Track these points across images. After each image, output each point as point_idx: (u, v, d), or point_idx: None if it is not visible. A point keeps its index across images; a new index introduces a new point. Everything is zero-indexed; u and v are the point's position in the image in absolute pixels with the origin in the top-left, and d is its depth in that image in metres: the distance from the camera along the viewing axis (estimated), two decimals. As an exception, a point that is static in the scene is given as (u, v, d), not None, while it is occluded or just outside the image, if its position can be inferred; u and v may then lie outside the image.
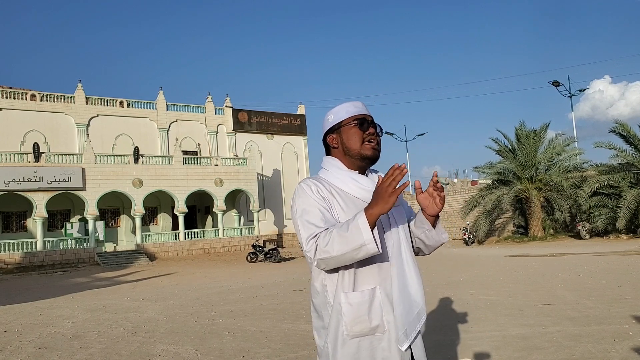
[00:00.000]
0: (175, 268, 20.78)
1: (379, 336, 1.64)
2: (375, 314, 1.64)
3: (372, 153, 1.76)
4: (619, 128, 21.95)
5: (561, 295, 7.62)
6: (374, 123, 1.81)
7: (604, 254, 14.70)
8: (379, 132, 1.81)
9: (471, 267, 13.50)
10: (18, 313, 9.07)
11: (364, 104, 1.84)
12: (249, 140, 34.01)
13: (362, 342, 1.63)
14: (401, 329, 1.62)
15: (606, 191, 21.76)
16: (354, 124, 1.76)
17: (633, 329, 5.11)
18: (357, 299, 1.63)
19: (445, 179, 55.30)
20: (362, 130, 1.75)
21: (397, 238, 1.72)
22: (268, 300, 9.14)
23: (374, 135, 1.77)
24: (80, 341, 6.21)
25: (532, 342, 4.88)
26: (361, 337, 1.63)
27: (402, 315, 1.63)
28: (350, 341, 1.63)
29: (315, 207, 1.65)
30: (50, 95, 28.12)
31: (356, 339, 1.63)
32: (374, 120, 1.83)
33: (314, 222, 1.62)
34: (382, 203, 1.51)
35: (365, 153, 1.75)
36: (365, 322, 1.63)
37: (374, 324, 1.63)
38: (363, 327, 1.63)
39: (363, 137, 1.75)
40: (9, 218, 26.26)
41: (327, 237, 1.56)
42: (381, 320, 1.64)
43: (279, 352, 5.10)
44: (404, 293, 1.65)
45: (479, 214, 25.70)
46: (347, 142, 1.75)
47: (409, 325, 1.64)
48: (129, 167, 26.47)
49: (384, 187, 1.51)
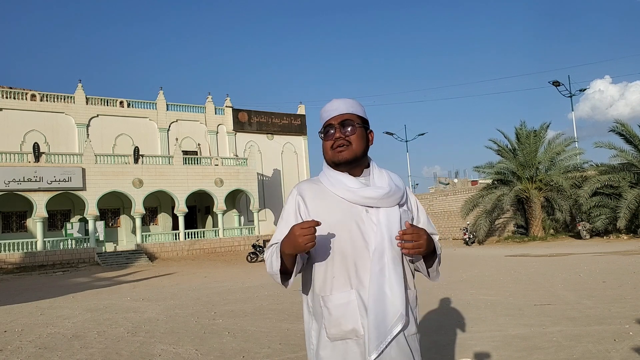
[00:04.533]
0: (175, 268, 20.78)
1: (355, 340, 1.63)
2: (350, 318, 1.63)
3: (339, 158, 1.73)
4: (619, 128, 21.95)
5: (561, 295, 7.62)
6: (342, 122, 1.74)
7: (605, 254, 14.69)
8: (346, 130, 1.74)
9: (471, 267, 13.50)
10: (18, 313, 9.07)
11: (338, 100, 1.80)
12: (249, 140, 34.01)
13: (339, 346, 1.65)
14: (374, 338, 1.59)
15: (606, 191, 21.75)
16: (322, 136, 1.80)
17: (633, 329, 5.11)
18: (334, 302, 1.66)
19: (446, 179, 55.29)
20: (328, 139, 1.77)
21: (380, 241, 1.66)
22: (268, 300, 9.14)
23: (339, 138, 1.73)
24: (80, 341, 6.21)
25: (533, 342, 4.88)
26: (338, 340, 1.65)
27: (374, 323, 1.60)
28: (331, 344, 1.65)
29: (284, 215, 1.76)
30: (50, 95, 28.12)
31: (336, 341, 1.65)
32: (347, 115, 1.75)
33: (280, 229, 1.74)
34: (292, 247, 1.57)
35: (336, 160, 1.75)
36: (340, 326, 1.64)
37: (349, 328, 1.63)
38: (338, 330, 1.64)
39: (331, 145, 1.75)
40: (9, 218, 26.26)
41: (270, 252, 1.71)
42: (357, 325, 1.63)
43: (279, 352, 5.10)
44: (380, 299, 1.62)
45: (479, 214, 25.70)
46: (323, 154, 1.80)
47: (380, 334, 1.60)
48: (129, 167, 26.47)
49: (296, 233, 1.54)
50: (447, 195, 33.20)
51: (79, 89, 28.87)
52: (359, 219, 1.69)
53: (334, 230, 1.68)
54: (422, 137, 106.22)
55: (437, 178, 57.20)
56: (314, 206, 1.72)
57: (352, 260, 1.67)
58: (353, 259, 1.67)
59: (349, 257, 1.67)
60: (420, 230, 1.63)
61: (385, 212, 1.70)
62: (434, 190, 42.05)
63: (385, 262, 1.65)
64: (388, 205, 1.71)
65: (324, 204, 1.72)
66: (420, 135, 45.33)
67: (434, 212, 32.00)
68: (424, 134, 69.22)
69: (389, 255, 1.66)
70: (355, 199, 1.69)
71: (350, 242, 1.67)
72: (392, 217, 1.70)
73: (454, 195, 32.14)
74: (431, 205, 32.76)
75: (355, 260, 1.66)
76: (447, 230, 31.16)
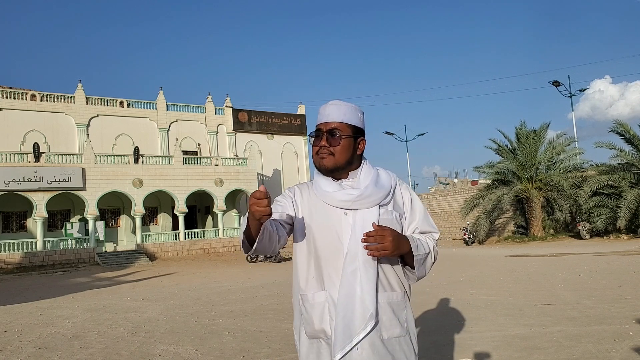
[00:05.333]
0: (175, 268, 20.78)
1: (325, 340, 1.68)
2: (319, 317, 1.68)
3: (320, 165, 1.76)
4: (619, 128, 21.95)
5: (561, 295, 7.62)
6: (329, 131, 1.73)
7: (604, 254, 14.69)
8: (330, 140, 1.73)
9: (471, 267, 13.50)
10: (18, 313, 9.07)
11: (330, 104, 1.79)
12: (249, 140, 34.02)
13: (313, 344, 1.71)
14: (339, 339, 1.61)
15: (606, 191, 21.75)
16: (310, 139, 1.82)
17: (633, 329, 5.11)
18: (309, 301, 1.72)
19: (446, 179, 55.28)
20: (314, 144, 1.79)
21: (354, 243, 1.66)
22: (268, 300, 9.14)
23: (323, 147, 1.74)
24: (80, 341, 6.21)
25: (533, 342, 4.88)
26: (313, 338, 1.71)
27: (341, 324, 1.62)
28: (308, 341, 1.72)
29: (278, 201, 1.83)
30: (50, 95, 28.13)
31: (312, 339, 1.71)
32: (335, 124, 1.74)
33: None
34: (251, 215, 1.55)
35: (316, 166, 1.79)
36: (312, 325, 1.70)
37: (318, 328, 1.68)
38: (311, 329, 1.70)
39: (316, 151, 1.77)
40: (9, 218, 26.27)
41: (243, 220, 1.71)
42: (325, 325, 1.67)
43: (279, 352, 5.10)
44: (350, 300, 1.63)
45: (479, 214, 25.71)
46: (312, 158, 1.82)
47: (346, 335, 1.61)
48: (129, 167, 26.47)
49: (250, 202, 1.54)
50: (447, 195, 33.22)
51: (79, 89, 28.88)
52: (336, 222, 1.72)
53: (314, 232, 1.74)
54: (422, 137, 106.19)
55: (437, 178, 57.19)
56: (302, 207, 1.80)
57: (327, 261, 1.70)
58: (328, 260, 1.70)
59: (324, 258, 1.71)
60: (386, 231, 1.60)
61: (362, 214, 1.70)
62: (434, 190, 42.05)
63: (358, 264, 1.65)
64: (365, 207, 1.71)
65: (309, 206, 1.78)
66: (420, 135, 45.38)
67: (434, 212, 31.99)
68: (424, 134, 69.25)
69: (362, 257, 1.65)
70: (332, 202, 1.73)
71: (326, 244, 1.71)
72: (369, 218, 1.69)
73: (454, 195, 32.15)
74: (431, 205, 32.77)
75: (330, 261, 1.70)
76: (447, 230, 31.18)
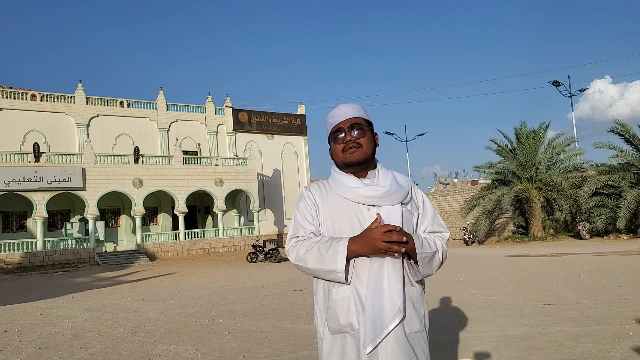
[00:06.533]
0: (175, 268, 20.78)
1: (351, 334, 1.69)
2: (346, 312, 1.70)
3: (351, 159, 1.81)
4: (619, 128, 21.95)
5: (561, 295, 7.62)
6: (351, 126, 1.82)
7: (604, 254, 14.69)
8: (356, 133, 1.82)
9: (471, 267, 13.50)
10: (18, 313, 9.07)
11: (346, 105, 1.88)
12: (249, 140, 34.00)
13: (337, 339, 1.72)
14: (368, 332, 1.64)
15: (606, 191, 21.75)
16: (333, 139, 1.87)
17: (633, 329, 5.11)
18: (334, 296, 1.73)
19: (446, 179, 55.25)
20: (338, 143, 1.83)
21: None
22: (268, 300, 9.14)
23: (350, 141, 1.81)
24: (80, 341, 6.21)
25: (533, 342, 4.88)
26: (337, 333, 1.72)
27: (370, 317, 1.64)
28: (331, 336, 1.73)
29: (303, 210, 1.83)
30: (50, 95, 28.11)
31: (335, 335, 1.72)
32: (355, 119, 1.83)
33: (301, 222, 1.82)
34: (367, 247, 1.64)
35: (348, 161, 1.82)
36: (337, 320, 1.71)
37: (344, 322, 1.70)
38: (336, 323, 1.71)
39: (342, 148, 1.82)
40: (9, 218, 26.26)
41: (308, 247, 1.72)
42: (352, 319, 1.69)
43: (279, 352, 5.10)
44: (377, 294, 1.66)
45: (479, 214, 25.70)
46: (334, 156, 1.88)
47: (376, 328, 1.64)
48: (129, 167, 26.47)
49: (375, 235, 1.61)
50: (447, 195, 33.21)
51: (79, 89, 28.86)
52: (360, 217, 1.75)
53: (338, 228, 1.76)
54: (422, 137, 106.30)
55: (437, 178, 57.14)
56: (322, 206, 1.82)
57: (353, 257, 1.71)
58: None
59: None
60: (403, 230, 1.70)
61: (387, 210, 1.75)
62: (434, 190, 42.04)
63: (385, 259, 1.69)
64: (389, 204, 1.77)
65: (330, 203, 1.80)
66: (420, 135, 45.36)
67: (434, 212, 31.95)
68: (424, 134, 69.23)
69: None
70: (356, 198, 1.76)
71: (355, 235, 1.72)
72: (393, 215, 1.75)
73: (454, 195, 32.15)
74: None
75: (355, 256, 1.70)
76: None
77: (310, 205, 1.83)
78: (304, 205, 1.84)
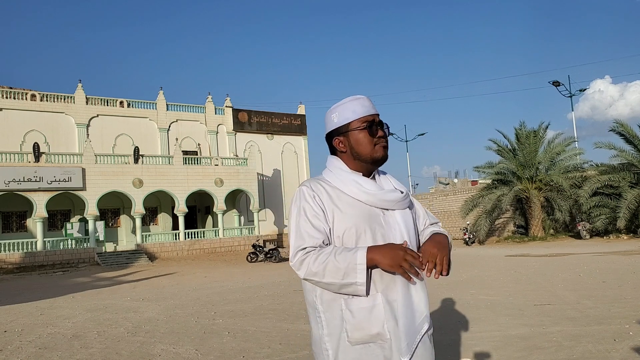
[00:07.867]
0: (175, 268, 20.78)
1: (381, 344, 1.59)
2: (376, 321, 1.58)
3: (383, 154, 1.70)
4: (619, 128, 21.95)
5: (561, 295, 7.62)
6: (381, 122, 1.73)
7: (604, 254, 14.69)
8: (386, 130, 1.75)
9: (471, 267, 13.49)
10: (18, 313, 9.07)
11: (369, 99, 1.75)
12: (249, 140, 34.01)
13: (364, 350, 1.59)
14: (404, 341, 1.58)
15: (606, 191, 21.75)
16: (363, 127, 1.68)
17: (633, 329, 5.11)
18: (357, 305, 1.59)
19: (446, 179, 55.27)
20: (372, 135, 1.69)
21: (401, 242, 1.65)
22: (268, 300, 9.13)
23: (382, 137, 1.71)
24: (80, 341, 6.21)
25: (533, 342, 4.88)
26: (363, 344, 1.59)
27: (405, 326, 1.59)
28: (352, 348, 1.59)
29: (309, 215, 1.63)
30: (50, 95, 28.12)
31: (358, 345, 1.59)
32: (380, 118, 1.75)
33: (307, 230, 1.61)
34: (388, 263, 1.52)
35: (377, 156, 1.69)
36: (365, 330, 1.58)
37: (374, 332, 1.58)
38: (363, 334, 1.58)
39: (374, 141, 1.69)
40: (9, 218, 26.26)
41: (320, 259, 1.54)
42: (382, 329, 1.58)
43: (279, 352, 5.09)
44: (408, 302, 1.61)
45: (479, 214, 25.70)
46: (357, 146, 1.69)
47: (410, 336, 1.60)
48: (129, 167, 26.47)
49: (402, 256, 1.51)
50: (447, 195, 33.21)
51: (79, 89, 28.87)
52: (378, 222, 1.66)
53: (355, 232, 1.62)
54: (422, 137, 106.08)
55: (437, 178, 57.20)
56: (332, 208, 1.65)
57: None
58: None
59: None
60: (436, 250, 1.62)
61: (401, 215, 1.70)
62: (434, 190, 42.05)
63: None
64: (403, 208, 1.72)
65: (340, 205, 1.66)
66: (420, 135, 45.28)
67: (434, 212, 31.98)
68: (424, 134, 69.12)
69: None
70: (374, 202, 1.66)
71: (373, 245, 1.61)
72: (408, 219, 1.72)
73: (454, 195, 32.15)
74: (431, 205, 32.78)
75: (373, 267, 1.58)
76: (447, 231, 31.17)
77: (317, 209, 1.64)
78: (309, 209, 1.64)
